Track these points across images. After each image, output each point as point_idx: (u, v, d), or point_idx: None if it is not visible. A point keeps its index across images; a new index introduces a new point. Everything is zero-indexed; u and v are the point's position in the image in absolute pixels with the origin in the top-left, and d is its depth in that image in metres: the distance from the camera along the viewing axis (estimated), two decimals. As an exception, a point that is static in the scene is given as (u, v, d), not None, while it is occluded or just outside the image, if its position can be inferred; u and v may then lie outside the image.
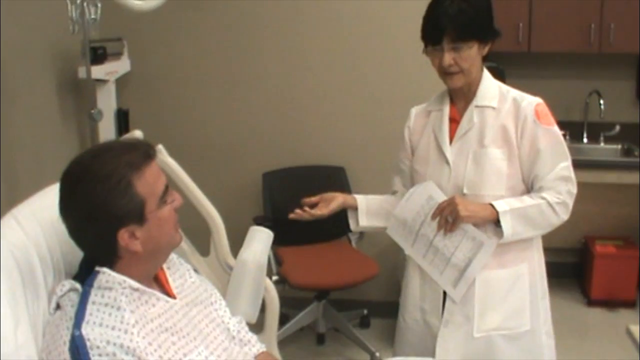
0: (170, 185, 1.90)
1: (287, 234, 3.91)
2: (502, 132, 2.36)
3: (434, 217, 2.38)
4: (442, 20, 2.25)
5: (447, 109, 2.47)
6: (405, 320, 2.61)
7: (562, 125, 5.01)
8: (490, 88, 2.42)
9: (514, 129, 2.36)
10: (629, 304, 4.76)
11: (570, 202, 2.41)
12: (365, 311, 4.40)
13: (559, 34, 4.72)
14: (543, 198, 2.36)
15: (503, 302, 2.45)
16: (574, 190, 2.41)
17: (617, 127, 5.03)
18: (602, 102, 4.91)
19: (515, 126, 2.36)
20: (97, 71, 3.75)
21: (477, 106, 2.40)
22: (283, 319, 3.99)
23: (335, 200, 2.52)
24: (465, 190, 2.37)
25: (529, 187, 2.41)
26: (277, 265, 3.96)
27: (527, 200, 2.36)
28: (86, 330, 1.68)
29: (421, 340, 2.54)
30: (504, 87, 2.45)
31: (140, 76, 4.28)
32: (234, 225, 2.84)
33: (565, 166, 2.39)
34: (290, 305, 4.03)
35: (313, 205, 2.50)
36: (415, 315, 2.57)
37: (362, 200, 2.60)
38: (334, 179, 4.27)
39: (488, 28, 2.34)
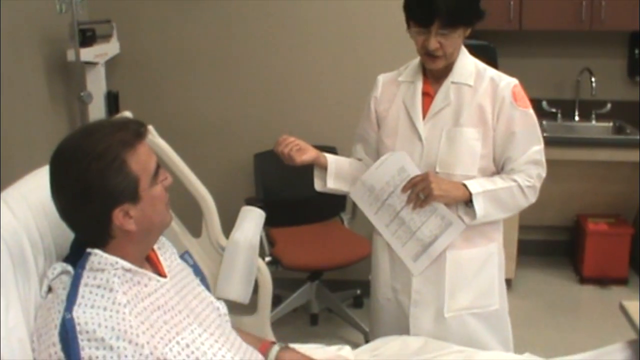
0: (162, 166, 1.89)
1: (279, 215, 3.92)
2: (479, 112, 2.35)
3: (404, 190, 2.37)
4: (435, 5, 2.19)
5: (420, 83, 2.44)
6: (378, 299, 2.62)
7: (553, 103, 5.09)
8: (466, 65, 2.40)
9: (490, 109, 2.35)
10: (621, 281, 4.78)
11: (539, 186, 2.42)
12: (359, 291, 4.40)
13: (550, 11, 4.70)
14: (514, 181, 2.36)
15: (473, 281, 2.47)
16: (544, 174, 2.42)
17: (609, 105, 5.03)
18: (593, 79, 4.91)
19: (492, 107, 2.35)
20: (86, 54, 3.73)
21: (453, 82, 2.38)
22: (276, 301, 3.99)
23: (308, 153, 2.48)
24: (437, 169, 2.36)
25: (499, 169, 2.41)
26: (270, 246, 3.96)
27: (499, 182, 2.36)
28: (77, 313, 1.67)
29: (395, 319, 2.56)
30: (481, 65, 2.43)
31: (129, 58, 4.25)
32: (225, 206, 2.82)
33: (537, 150, 2.39)
34: (283, 286, 4.03)
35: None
36: (387, 294, 2.58)
37: (332, 161, 2.57)
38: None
39: (475, 12, 2.32)
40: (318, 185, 2.60)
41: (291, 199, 4.08)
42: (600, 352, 2.24)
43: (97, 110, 3.86)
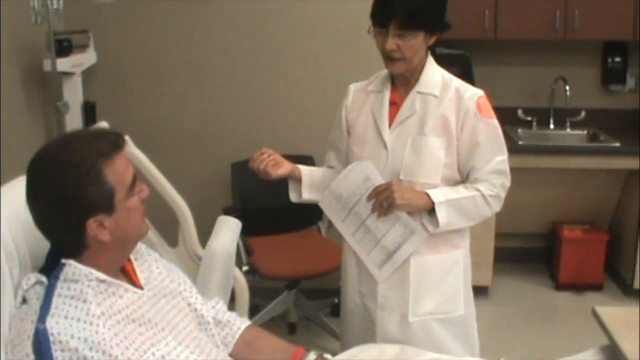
0: (138, 176, 1.89)
1: (257, 224, 3.92)
2: (443, 122, 2.38)
3: (369, 198, 2.40)
4: (392, 5, 2.24)
5: (388, 92, 2.46)
6: (347, 304, 2.66)
7: (528, 111, 5.14)
8: (433, 75, 2.43)
9: (454, 120, 2.37)
10: (596, 288, 4.83)
11: (503, 195, 2.45)
12: (336, 299, 4.38)
13: (525, 21, 4.74)
14: (478, 190, 2.39)
15: (438, 287, 2.50)
16: (508, 183, 2.45)
17: (583, 113, 5.08)
18: (567, 88, 4.95)
19: (456, 117, 2.37)
20: (63, 64, 3.72)
21: (419, 92, 2.41)
22: (253, 310, 3.98)
23: (283, 167, 2.50)
24: (401, 176, 2.39)
25: (464, 178, 2.44)
26: (247, 255, 3.95)
27: (462, 192, 2.39)
28: (50, 323, 1.67)
29: (363, 324, 2.59)
30: (447, 76, 2.46)
31: (106, 68, 4.25)
32: (202, 215, 2.83)
33: (501, 160, 2.42)
34: (260, 295, 4.03)
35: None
36: (355, 299, 2.61)
37: (306, 172, 2.60)
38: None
39: (437, 20, 2.34)
40: (293, 197, 2.63)
41: (268, 207, 4.08)
42: (573, 358, 2.27)
43: (73, 121, 3.85)
